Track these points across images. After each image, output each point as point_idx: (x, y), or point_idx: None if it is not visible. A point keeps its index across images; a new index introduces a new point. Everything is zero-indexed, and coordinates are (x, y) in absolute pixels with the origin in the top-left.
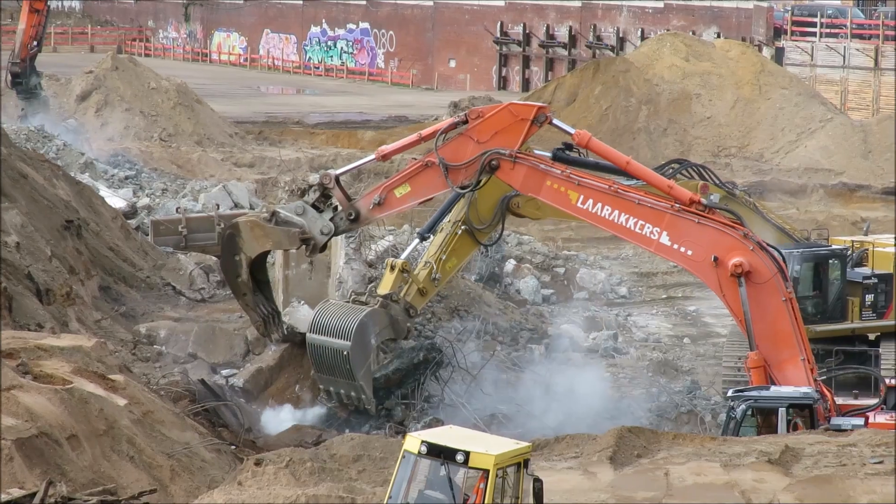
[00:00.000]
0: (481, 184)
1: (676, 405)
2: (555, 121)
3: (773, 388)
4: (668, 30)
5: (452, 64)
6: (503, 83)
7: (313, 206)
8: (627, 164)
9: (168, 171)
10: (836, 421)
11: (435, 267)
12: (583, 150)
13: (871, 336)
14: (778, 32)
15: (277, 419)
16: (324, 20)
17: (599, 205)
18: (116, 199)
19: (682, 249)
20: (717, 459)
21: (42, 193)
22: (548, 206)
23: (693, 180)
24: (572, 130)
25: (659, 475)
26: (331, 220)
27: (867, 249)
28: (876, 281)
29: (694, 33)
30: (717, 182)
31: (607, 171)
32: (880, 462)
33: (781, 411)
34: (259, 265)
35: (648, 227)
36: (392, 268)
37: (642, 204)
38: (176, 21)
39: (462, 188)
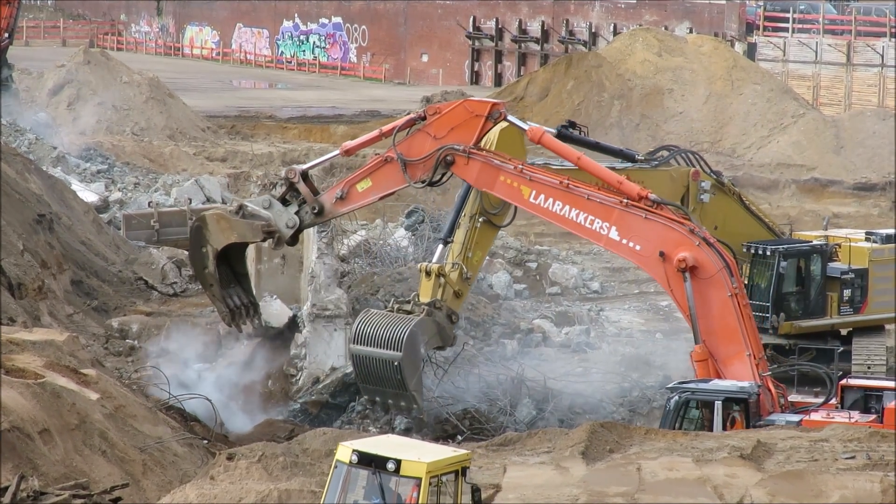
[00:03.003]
0: (444, 179)
1: (649, 400)
2: (509, 117)
3: (712, 381)
4: (640, 25)
5: (425, 59)
6: (476, 78)
7: (282, 200)
8: (578, 160)
9: (140, 166)
10: (772, 418)
11: (464, 267)
12: (584, 129)
13: (843, 332)
14: (750, 28)
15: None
16: (296, 14)
17: (551, 200)
18: (88, 193)
19: (631, 244)
20: (689, 455)
21: (14, 187)
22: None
23: (685, 167)
24: (526, 126)
25: (631, 470)
26: (296, 213)
27: (838, 244)
28: (853, 276)
29: (666, 28)
30: (708, 170)
31: (611, 154)
32: (852, 457)
33: (717, 404)
34: (237, 257)
35: (598, 223)
36: (428, 273)
37: (592, 199)
38: (148, 15)
39: (421, 182)
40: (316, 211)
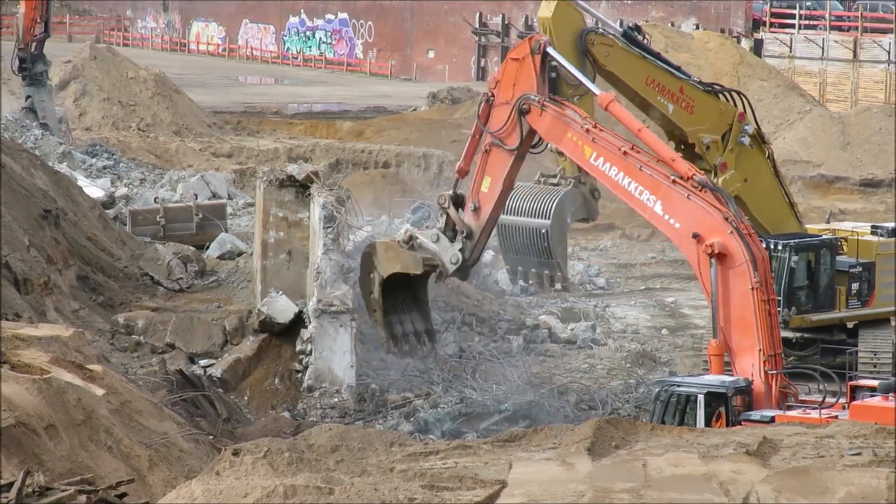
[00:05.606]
0: (540, 146)
1: None
2: (548, 49)
3: (699, 376)
4: (646, 21)
5: (431, 55)
6: (482, 74)
7: (450, 231)
8: (639, 132)
9: (146, 161)
10: (749, 414)
11: None
12: (649, 36)
13: (850, 325)
14: (757, 24)
15: None
16: (302, 10)
17: (608, 164)
18: (94, 189)
19: (671, 221)
20: (694, 451)
21: (20, 183)
22: (615, 66)
23: (733, 107)
24: (597, 92)
25: (637, 466)
26: (460, 250)
27: (844, 238)
28: (860, 269)
29: (673, 24)
30: (754, 118)
31: (669, 66)
32: (858, 454)
33: (700, 398)
34: (420, 285)
35: (646, 194)
36: (560, 153)
37: (643, 170)
38: (154, 11)
39: (519, 148)
40: (465, 234)
